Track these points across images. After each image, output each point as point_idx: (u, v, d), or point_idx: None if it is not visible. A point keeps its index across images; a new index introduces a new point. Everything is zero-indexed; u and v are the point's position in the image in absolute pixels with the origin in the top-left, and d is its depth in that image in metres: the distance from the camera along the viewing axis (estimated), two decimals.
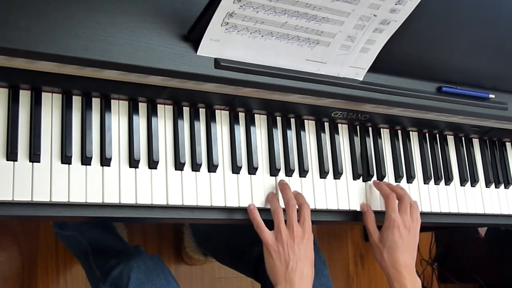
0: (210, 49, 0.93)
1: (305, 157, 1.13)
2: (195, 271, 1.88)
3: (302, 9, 0.93)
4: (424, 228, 2.07)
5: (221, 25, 0.91)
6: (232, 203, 1.04)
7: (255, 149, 1.09)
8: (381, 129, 1.25)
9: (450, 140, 1.34)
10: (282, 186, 1.08)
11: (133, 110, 1.00)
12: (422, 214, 1.25)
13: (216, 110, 1.07)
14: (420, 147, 1.29)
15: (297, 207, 1.05)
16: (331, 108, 1.13)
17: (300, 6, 0.92)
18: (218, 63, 0.94)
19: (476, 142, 1.37)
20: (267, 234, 1.03)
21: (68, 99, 0.95)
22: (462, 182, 1.31)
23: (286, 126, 1.13)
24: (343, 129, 1.20)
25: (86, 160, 0.94)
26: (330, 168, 1.16)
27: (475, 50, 1.18)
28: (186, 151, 1.02)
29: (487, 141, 1.39)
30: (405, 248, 1.11)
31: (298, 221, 1.04)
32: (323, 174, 1.15)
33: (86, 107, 0.96)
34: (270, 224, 1.04)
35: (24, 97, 0.92)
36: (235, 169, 1.06)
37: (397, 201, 1.14)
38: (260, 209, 1.05)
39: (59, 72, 0.89)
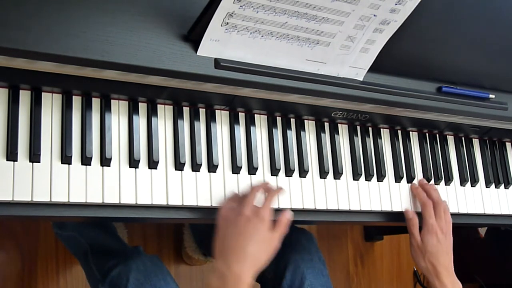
0: (210, 49, 0.93)
1: (305, 157, 1.13)
2: (195, 271, 1.88)
3: (302, 9, 0.93)
4: None
5: (221, 25, 0.91)
6: None
7: (255, 149, 1.09)
8: (381, 129, 1.25)
9: (450, 140, 1.34)
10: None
11: (133, 110, 1.00)
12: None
13: (216, 110, 1.07)
14: (420, 147, 1.29)
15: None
16: (331, 108, 1.13)
17: (300, 6, 0.92)
18: (218, 63, 0.94)
19: (476, 142, 1.37)
20: (229, 202, 1.02)
21: (68, 99, 0.95)
22: (462, 182, 1.31)
23: (286, 126, 1.13)
24: (343, 129, 1.20)
25: (86, 160, 0.94)
26: (330, 168, 1.16)
27: (475, 50, 1.18)
28: (186, 151, 1.02)
29: (487, 141, 1.39)
30: (444, 252, 1.18)
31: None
32: (323, 174, 1.15)
33: (86, 107, 0.96)
34: None
35: (24, 97, 0.92)
36: (235, 169, 1.06)
37: (432, 207, 1.20)
38: None
39: (59, 72, 0.89)
